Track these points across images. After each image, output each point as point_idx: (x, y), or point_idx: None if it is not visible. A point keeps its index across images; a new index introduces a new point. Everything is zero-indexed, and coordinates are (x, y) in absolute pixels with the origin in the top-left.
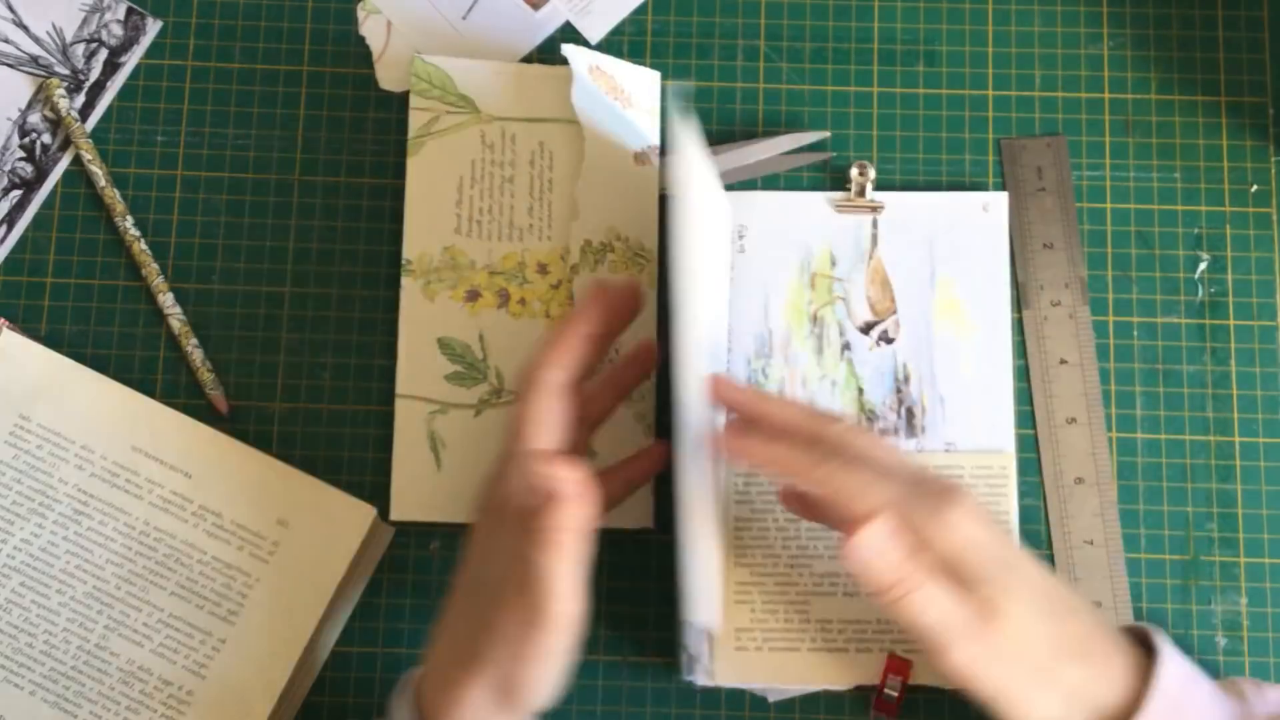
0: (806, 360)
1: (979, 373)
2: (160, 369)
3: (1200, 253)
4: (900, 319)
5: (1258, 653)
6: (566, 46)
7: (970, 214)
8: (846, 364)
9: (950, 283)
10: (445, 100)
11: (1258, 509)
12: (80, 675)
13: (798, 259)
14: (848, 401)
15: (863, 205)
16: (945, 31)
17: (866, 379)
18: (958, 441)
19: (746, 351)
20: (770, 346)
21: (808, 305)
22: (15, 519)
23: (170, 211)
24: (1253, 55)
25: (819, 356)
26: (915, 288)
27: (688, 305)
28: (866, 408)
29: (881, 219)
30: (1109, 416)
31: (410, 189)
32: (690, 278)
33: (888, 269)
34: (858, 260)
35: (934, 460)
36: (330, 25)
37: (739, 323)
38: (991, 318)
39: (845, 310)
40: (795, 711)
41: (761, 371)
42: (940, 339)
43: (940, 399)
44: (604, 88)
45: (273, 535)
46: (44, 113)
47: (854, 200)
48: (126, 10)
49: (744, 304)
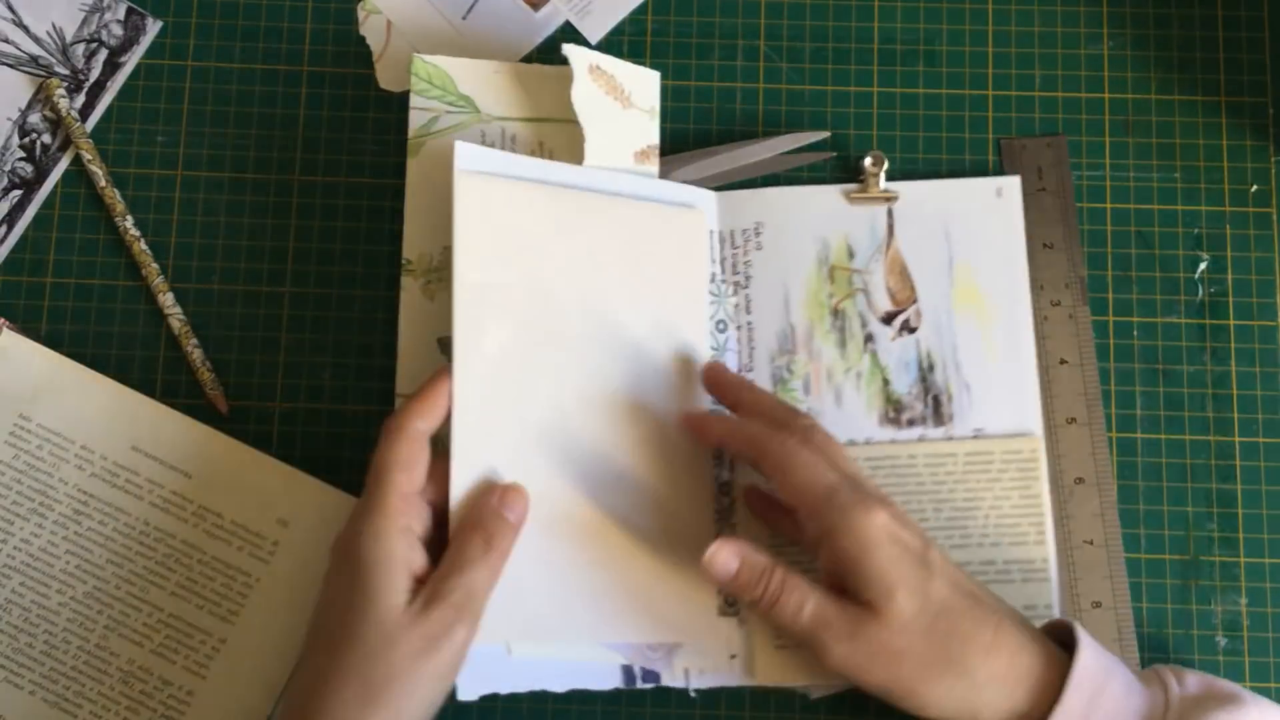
0: (830, 354)
1: (1002, 357)
2: (160, 369)
3: (1200, 253)
4: (921, 308)
5: (1258, 653)
6: (567, 46)
7: (984, 199)
8: (870, 355)
9: (968, 269)
10: (445, 100)
11: (1258, 509)
12: (80, 675)
13: (815, 253)
14: (873, 393)
15: (876, 196)
16: (945, 31)
17: (891, 369)
18: (986, 426)
19: (770, 348)
20: (793, 342)
21: (828, 298)
22: (15, 519)
23: (170, 211)
24: (1253, 55)
25: (842, 349)
26: (934, 276)
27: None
28: (893, 398)
29: (896, 209)
30: (1109, 416)
31: (410, 189)
32: (460, 287)
33: (905, 258)
34: (875, 251)
35: (964, 447)
36: (330, 25)
37: (760, 319)
38: (1010, 302)
39: (866, 302)
40: (795, 711)
41: (786, 367)
42: (961, 326)
43: (966, 385)
44: (604, 88)
45: (273, 535)
46: (44, 113)
47: (868, 191)
48: (126, 10)
49: (764, 300)
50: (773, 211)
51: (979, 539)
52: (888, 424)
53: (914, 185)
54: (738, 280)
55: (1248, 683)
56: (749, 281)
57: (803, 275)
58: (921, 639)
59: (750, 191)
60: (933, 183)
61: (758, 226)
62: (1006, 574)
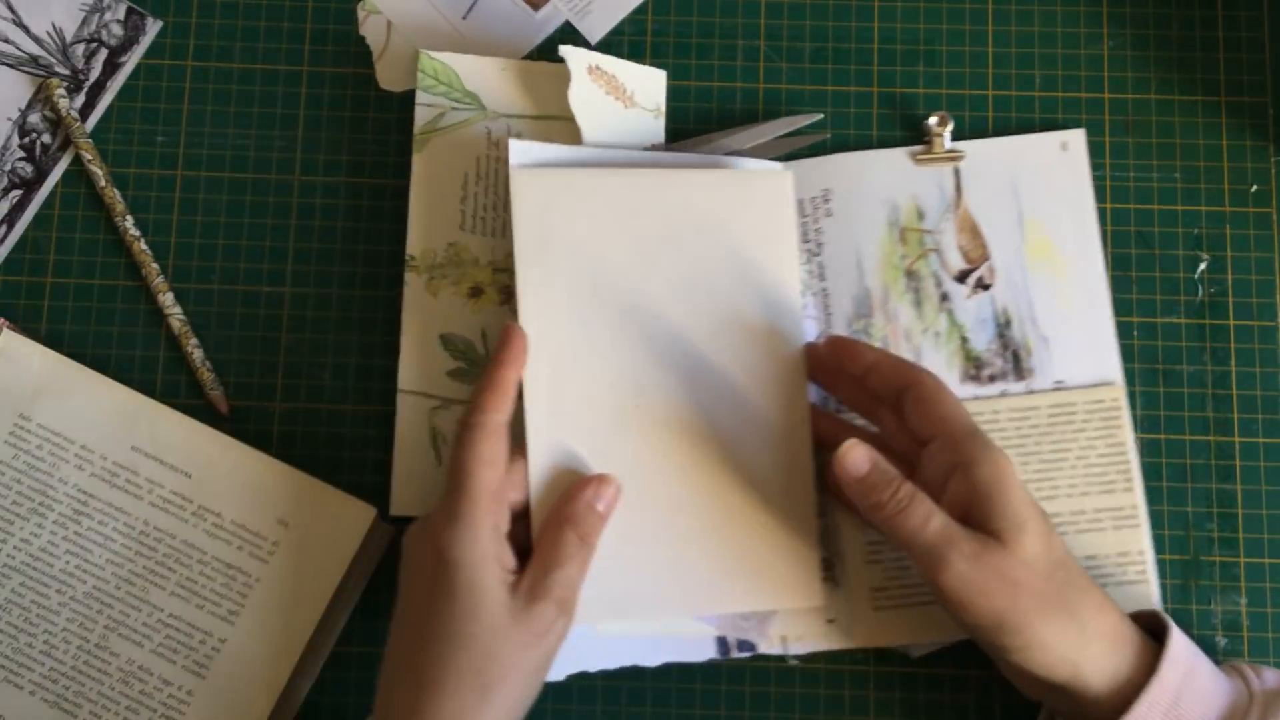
0: (907, 315)
1: (1078, 308)
2: (160, 369)
3: (1200, 253)
4: (994, 264)
5: (1258, 653)
6: (564, 47)
7: (1050, 153)
8: (947, 314)
9: (1038, 223)
10: (451, 96)
11: (1258, 509)
12: (80, 675)
13: (885, 216)
14: (952, 351)
15: (942, 156)
16: (945, 31)
17: (969, 327)
18: (1066, 378)
19: (846, 313)
20: (869, 306)
21: (901, 260)
22: (15, 519)
23: (170, 211)
24: (1253, 55)
25: (919, 310)
26: (1004, 232)
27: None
28: (972, 355)
29: (962, 167)
30: None
31: (415, 185)
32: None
33: (975, 216)
34: (945, 211)
35: (1046, 400)
36: (330, 25)
37: (835, 285)
38: (1083, 253)
39: (939, 261)
40: (794, 711)
41: (864, 331)
42: (1036, 280)
43: (1044, 339)
44: (604, 88)
45: (273, 535)
46: (44, 113)
47: (933, 152)
48: (126, 10)
49: (838, 266)
50: (840, 178)
51: (1068, 489)
52: (969, 381)
53: (979, 144)
54: (810, 248)
55: None
56: (821, 249)
57: (874, 239)
58: (1042, 579)
59: (817, 160)
60: (998, 140)
61: (826, 194)
62: (1098, 522)
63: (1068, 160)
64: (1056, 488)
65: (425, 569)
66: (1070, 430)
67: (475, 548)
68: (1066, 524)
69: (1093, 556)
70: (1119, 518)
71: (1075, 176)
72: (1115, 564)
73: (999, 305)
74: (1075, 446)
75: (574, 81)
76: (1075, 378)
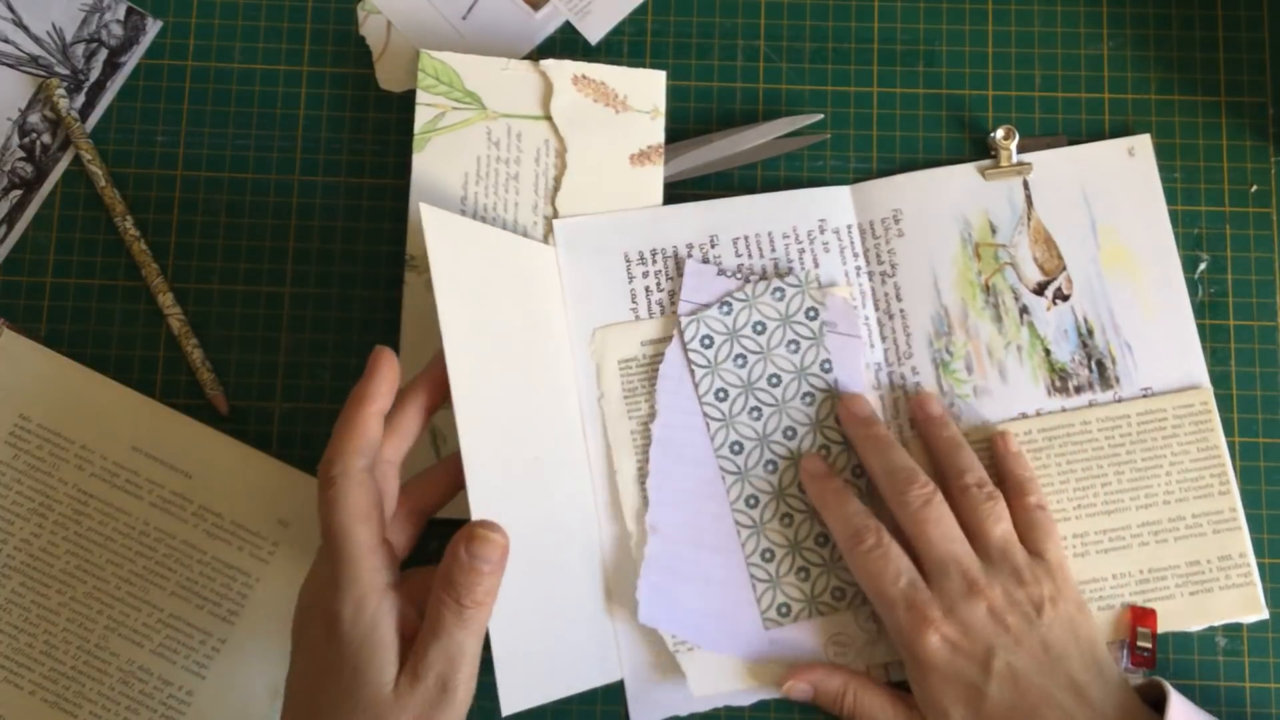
0: (987, 330)
1: (1159, 313)
2: (160, 369)
3: (1200, 253)
4: (1070, 274)
5: (1257, 653)
6: (545, 61)
7: (1117, 160)
8: (1028, 327)
9: (1112, 231)
10: (451, 96)
11: (1258, 509)
12: (80, 675)
13: (958, 232)
14: (1036, 364)
15: (1010, 169)
16: (945, 31)
17: (1051, 339)
18: (1153, 385)
19: (926, 332)
20: (948, 324)
21: (977, 276)
22: (15, 519)
23: (170, 211)
24: (1253, 55)
25: (999, 325)
26: (1078, 242)
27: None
28: (1057, 367)
29: (1031, 179)
30: None
31: (415, 184)
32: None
33: (1048, 227)
34: (1017, 224)
35: (1135, 408)
36: (330, 25)
37: (912, 305)
38: (1158, 256)
39: (1015, 275)
40: (795, 711)
41: (945, 349)
42: (1114, 287)
43: (1127, 346)
44: (592, 95)
45: (273, 535)
46: (44, 113)
47: (1001, 165)
48: (126, 10)
49: (913, 286)
50: (909, 197)
51: (1164, 496)
52: (1056, 393)
53: (1046, 155)
54: (884, 270)
55: (1248, 683)
56: (895, 270)
57: (949, 256)
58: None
59: (884, 180)
60: (1065, 150)
61: (896, 214)
62: (1197, 528)
63: (1136, 165)
64: (1153, 495)
65: (314, 638)
66: (1162, 437)
67: (361, 620)
68: (1166, 531)
69: (1195, 562)
70: (1218, 521)
71: (1145, 181)
72: (1218, 568)
73: (1079, 315)
74: (1168, 453)
75: (556, 94)
76: (1162, 383)
